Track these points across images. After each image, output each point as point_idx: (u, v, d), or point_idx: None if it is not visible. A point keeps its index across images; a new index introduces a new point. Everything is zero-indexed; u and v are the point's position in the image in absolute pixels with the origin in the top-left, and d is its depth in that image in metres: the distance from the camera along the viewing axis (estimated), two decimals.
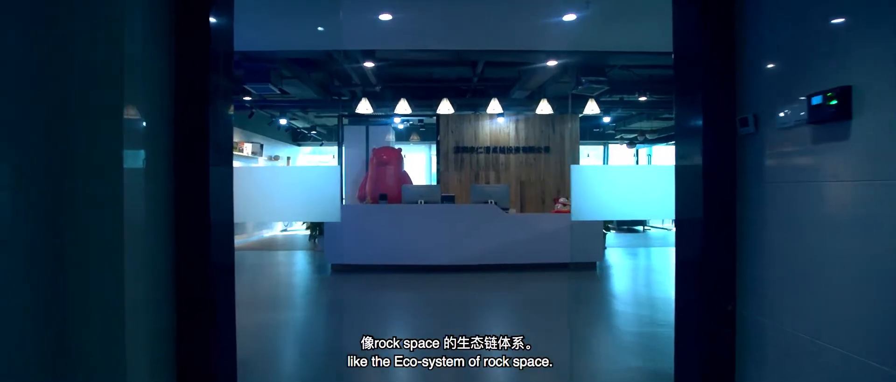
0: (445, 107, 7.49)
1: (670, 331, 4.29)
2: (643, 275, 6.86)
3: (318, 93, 7.94)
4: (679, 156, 2.63)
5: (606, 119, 9.40)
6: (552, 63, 5.76)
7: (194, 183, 2.26)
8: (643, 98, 7.61)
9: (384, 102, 8.38)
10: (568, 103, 8.49)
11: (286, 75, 6.81)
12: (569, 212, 7.16)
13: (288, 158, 13.28)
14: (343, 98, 8.78)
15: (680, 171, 2.61)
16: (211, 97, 2.29)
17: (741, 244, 2.37)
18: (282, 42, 4.54)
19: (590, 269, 7.03)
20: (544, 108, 7.37)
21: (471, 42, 4.61)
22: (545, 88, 7.52)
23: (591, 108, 7.36)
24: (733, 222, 2.39)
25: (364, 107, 7.42)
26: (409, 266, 6.91)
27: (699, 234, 2.42)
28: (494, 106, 7.52)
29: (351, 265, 6.98)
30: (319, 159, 14.85)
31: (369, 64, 5.82)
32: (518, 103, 8.55)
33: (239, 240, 10.40)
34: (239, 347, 2.50)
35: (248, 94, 7.94)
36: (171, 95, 2.18)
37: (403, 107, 7.51)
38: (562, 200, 7.24)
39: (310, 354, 3.75)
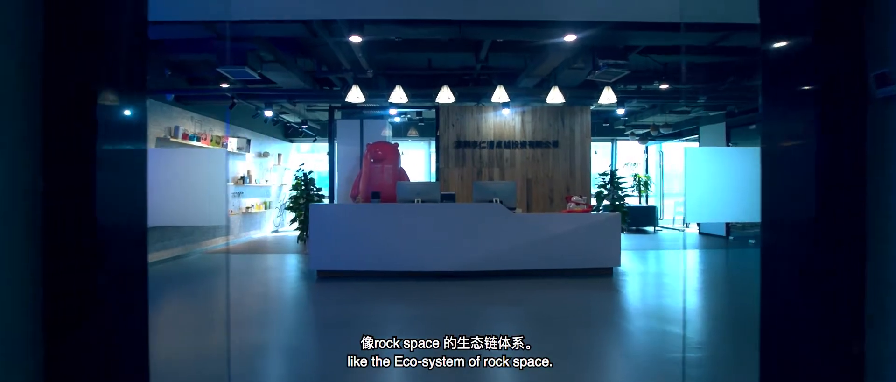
0: (445, 95, 6.76)
1: (716, 356, 3.59)
2: (666, 283, 6.14)
3: (304, 80, 7.22)
4: (769, 136, 1.91)
5: (620, 111, 8.69)
6: (570, 38, 5.03)
7: (72, 180, 1.59)
8: (665, 86, 6.87)
9: (378, 90, 7.66)
10: (582, 92, 7.77)
11: (267, 59, 6.09)
12: (583, 212, 6.44)
13: (278, 154, 12.56)
14: (333, 88, 8.05)
15: (771, 156, 1.89)
16: (101, 72, 1.66)
17: (875, 259, 1.64)
18: (251, 10, 3.83)
19: (605, 275, 6.31)
20: (555, 96, 6.65)
21: (475, 11, 3.89)
22: (557, 74, 6.79)
23: (607, 96, 6.63)
24: (862, 226, 1.66)
25: (355, 95, 6.69)
26: (403, 273, 6.19)
27: (808, 242, 1.70)
28: (500, 94, 6.79)
29: (339, 271, 6.26)
30: (316, 157, 14.13)
31: (356, 39, 5.08)
32: (525, 93, 7.82)
33: (222, 242, 9.68)
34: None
35: (225, 80, 7.21)
36: (38, 71, 1.57)
37: (399, 95, 6.79)
38: (574, 198, 6.52)
39: None
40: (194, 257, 8.23)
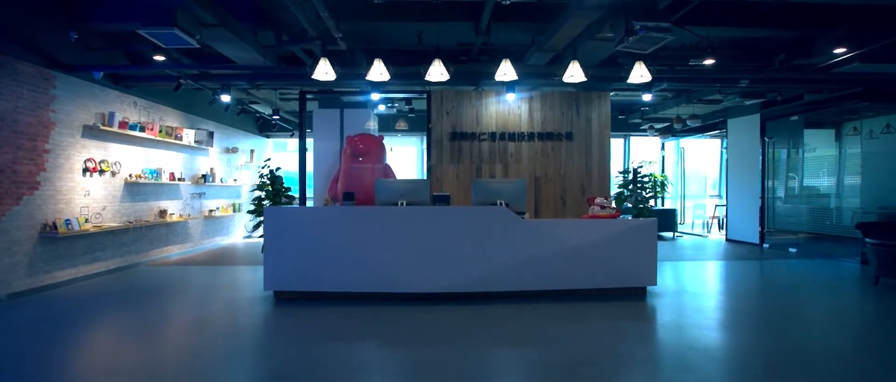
0: (437, 71, 5.41)
1: None
2: (717, 308, 4.81)
3: (265, 55, 5.87)
4: None
5: (646, 98, 7.38)
6: None
7: None
8: (710, 61, 5.54)
9: (355, 69, 6.31)
10: (604, 71, 6.43)
11: (208, 22, 4.73)
12: (609, 217, 5.11)
13: (251, 151, 11.17)
14: (302, 66, 6.68)
15: None
16: None
17: None
18: None
19: (638, 297, 4.98)
20: (575, 73, 5.31)
21: None
22: (577, 46, 5.47)
23: (640, 74, 5.29)
24: None
25: (323, 71, 5.33)
26: (384, 296, 4.84)
27: None
28: (505, 70, 5.45)
29: (301, 293, 4.90)
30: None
31: None
32: (535, 74, 6.50)
33: (180, 251, 8.29)
34: None
35: (165, 52, 5.85)
36: None
37: (379, 71, 5.43)
38: (599, 200, 5.19)
39: None
40: (134, 270, 6.85)
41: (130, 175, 6.98)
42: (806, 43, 5.87)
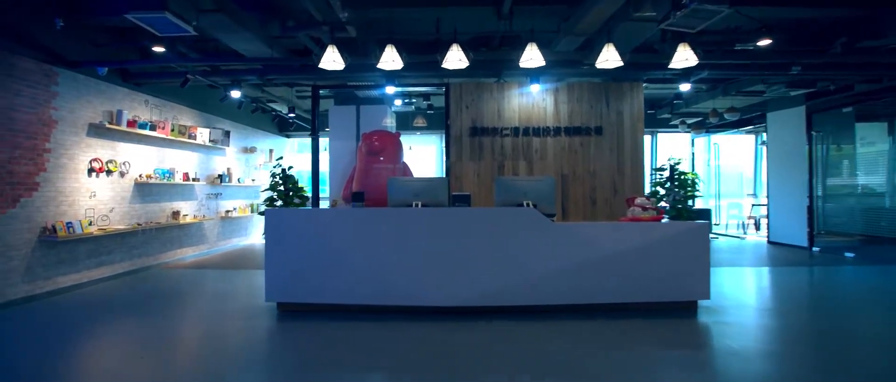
0: (455, 57, 4.95)
1: None
2: (790, 327, 4.23)
3: (272, 47, 5.52)
4: None
5: (684, 88, 6.77)
6: None
7: None
8: (766, 41, 4.92)
9: (367, 59, 5.90)
10: (639, 57, 5.87)
11: (206, 7, 4.39)
12: (653, 220, 4.57)
13: (270, 150, 10.90)
14: (313, 55, 6.31)
15: None
16: None
17: None
18: None
19: (687, 313, 4.40)
20: (610, 57, 4.77)
21: None
22: (611, 28, 4.93)
23: (683, 58, 4.72)
24: None
25: (331, 59, 4.93)
26: (397, 309, 4.41)
27: None
28: (531, 55, 4.95)
29: (305, 305, 4.50)
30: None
31: None
32: (563, 62, 5.99)
33: (195, 253, 8.03)
34: None
35: (161, 42, 5.53)
36: None
37: (391, 58, 5.00)
38: (639, 200, 4.66)
39: None
40: (144, 274, 6.58)
41: (141, 175, 6.72)
42: (874, 21, 5.21)
